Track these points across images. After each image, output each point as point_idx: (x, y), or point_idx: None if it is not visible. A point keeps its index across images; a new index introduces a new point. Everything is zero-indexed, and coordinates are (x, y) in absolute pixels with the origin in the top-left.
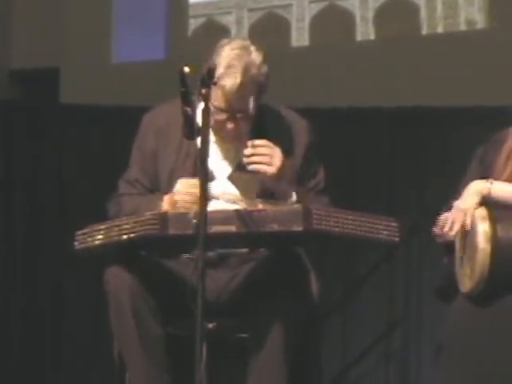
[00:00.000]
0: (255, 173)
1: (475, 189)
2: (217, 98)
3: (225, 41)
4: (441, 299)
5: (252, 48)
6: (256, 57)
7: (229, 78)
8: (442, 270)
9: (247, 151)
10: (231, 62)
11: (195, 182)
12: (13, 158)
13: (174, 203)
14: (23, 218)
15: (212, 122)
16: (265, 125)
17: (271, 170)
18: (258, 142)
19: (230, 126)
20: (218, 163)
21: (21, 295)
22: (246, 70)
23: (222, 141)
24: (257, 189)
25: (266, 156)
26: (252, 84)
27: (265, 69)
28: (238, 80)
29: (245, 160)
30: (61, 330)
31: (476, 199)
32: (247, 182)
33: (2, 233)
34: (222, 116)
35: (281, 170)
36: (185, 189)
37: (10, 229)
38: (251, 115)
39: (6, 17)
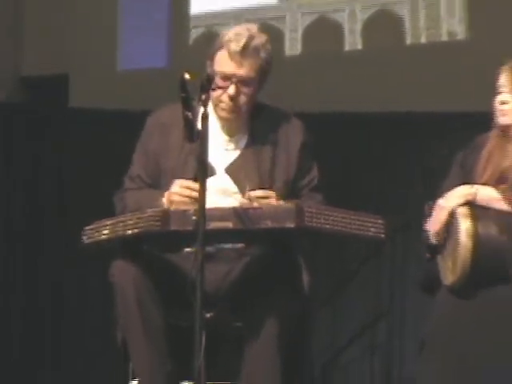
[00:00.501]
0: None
1: (462, 193)
2: (222, 63)
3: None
4: (425, 292)
5: (257, 29)
6: (261, 34)
7: (236, 42)
8: (425, 265)
9: (243, 201)
10: (238, 31)
11: (189, 183)
12: (13, 159)
13: (171, 201)
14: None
15: (213, 96)
16: (262, 124)
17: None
18: (252, 194)
19: (230, 91)
20: (218, 154)
21: (21, 295)
22: (250, 38)
23: (222, 126)
24: (254, 181)
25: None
26: (255, 53)
27: (268, 46)
28: (243, 43)
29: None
30: (61, 330)
31: (460, 202)
32: (245, 174)
33: (2, 233)
34: (225, 83)
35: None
36: (179, 189)
37: (10, 229)
38: (251, 90)
39: (18, 26)
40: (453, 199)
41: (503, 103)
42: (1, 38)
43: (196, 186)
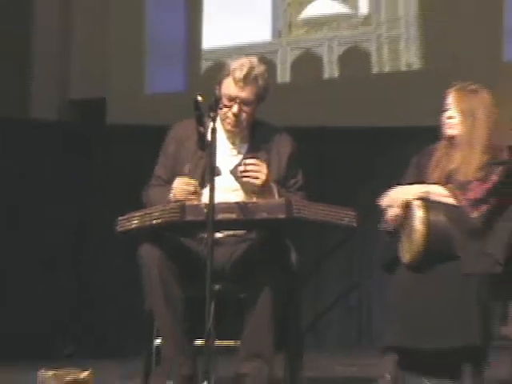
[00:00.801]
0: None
1: (414, 192)
2: (228, 87)
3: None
4: (385, 271)
5: (258, 60)
6: (260, 65)
7: (240, 71)
8: (386, 249)
9: (241, 168)
10: (242, 62)
11: (187, 179)
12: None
13: (174, 194)
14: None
15: (220, 113)
16: (259, 136)
17: (257, 181)
18: (248, 161)
19: (234, 109)
20: (224, 159)
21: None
22: (251, 68)
23: (228, 137)
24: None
25: (253, 172)
26: (255, 81)
27: (266, 75)
28: (245, 72)
29: (239, 174)
30: (107, 300)
31: (411, 197)
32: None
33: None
34: (229, 103)
35: (266, 180)
36: (179, 185)
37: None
38: (251, 108)
39: (66, 60)
40: (405, 195)
41: (450, 118)
42: (52, 69)
43: (193, 182)
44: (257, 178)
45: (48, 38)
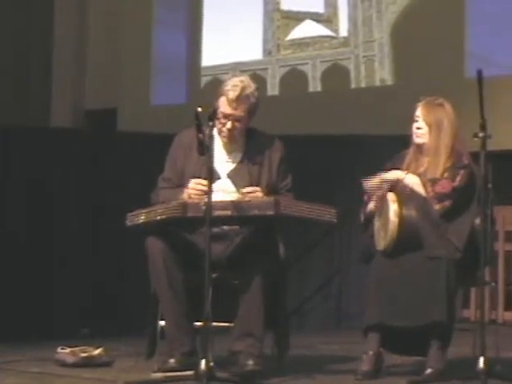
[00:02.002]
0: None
1: (396, 173)
2: (222, 105)
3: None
4: (362, 262)
5: (249, 80)
6: (251, 84)
7: (232, 91)
8: (362, 242)
9: (238, 197)
10: (235, 82)
11: (201, 181)
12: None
13: (189, 194)
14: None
15: (217, 125)
16: (252, 144)
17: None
18: (245, 190)
19: (228, 125)
20: (222, 164)
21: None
22: (243, 88)
23: (224, 145)
24: (246, 183)
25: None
26: (246, 99)
27: (256, 93)
28: (237, 93)
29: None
30: (123, 287)
31: (393, 178)
32: (240, 178)
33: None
34: (224, 120)
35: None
36: (194, 185)
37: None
38: (243, 123)
39: (82, 74)
40: (390, 175)
41: (418, 128)
42: (69, 83)
43: (205, 182)
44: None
45: (65, 57)
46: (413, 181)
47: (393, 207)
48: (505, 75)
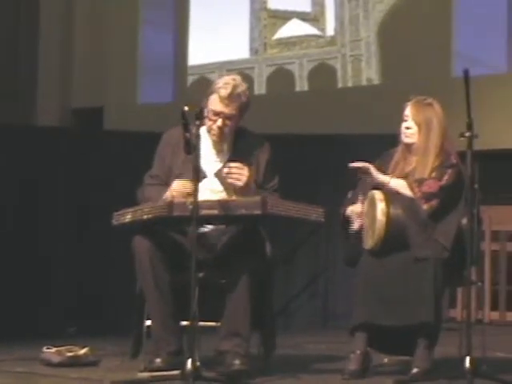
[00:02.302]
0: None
1: (384, 178)
2: (214, 103)
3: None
4: (348, 265)
5: (241, 79)
6: (243, 83)
7: (224, 89)
8: (350, 249)
9: (225, 170)
10: (227, 80)
11: (185, 182)
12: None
13: (172, 195)
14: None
15: (207, 123)
16: (241, 143)
17: (239, 183)
18: (232, 164)
19: (218, 123)
20: (210, 163)
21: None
22: (235, 86)
23: (213, 144)
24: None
25: (236, 174)
26: (238, 98)
27: (247, 92)
28: (229, 90)
29: (223, 175)
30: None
31: (380, 179)
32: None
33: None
34: (214, 117)
35: (248, 183)
36: (178, 186)
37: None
38: (234, 122)
39: (68, 74)
40: (381, 177)
41: (408, 128)
42: (56, 81)
43: (188, 185)
44: (239, 179)
45: (52, 56)
46: (398, 184)
47: (380, 206)
48: (491, 75)
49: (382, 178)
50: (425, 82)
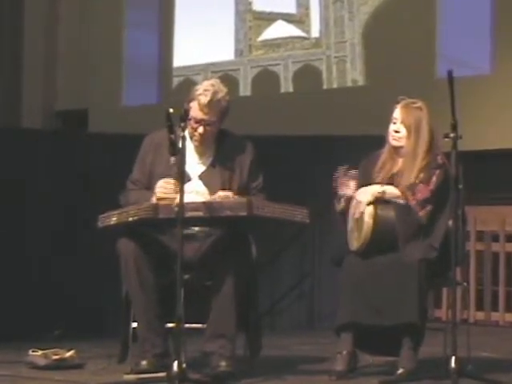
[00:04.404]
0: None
1: (373, 191)
2: (194, 110)
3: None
4: (334, 265)
5: (220, 84)
6: (222, 88)
7: (204, 96)
8: (332, 245)
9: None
10: (207, 87)
11: (170, 180)
12: (53, 166)
13: (157, 196)
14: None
15: (189, 129)
16: (224, 146)
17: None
18: (219, 194)
19: (199, 130)
20: (193, 166)
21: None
22: (215, 93)
23: (196, 147)
24: (218, 185)
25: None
26: (218, 104)
27: (227, 97)
28: (209, 98)
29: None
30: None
31: (370, 199)
32: (212, 180)
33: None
34: (196, 124)
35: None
36: (163, 184)
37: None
38: (215, 127)
39: (52, 75)
40: (367, 195)
41: (396, 132)
42: (39, 84)
43: (173, 182)
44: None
45: (36, 58)
46: (393, 193)
47: (368, 209)
48: (475, 76)
49: (374, 189)
50: (409, 83)
